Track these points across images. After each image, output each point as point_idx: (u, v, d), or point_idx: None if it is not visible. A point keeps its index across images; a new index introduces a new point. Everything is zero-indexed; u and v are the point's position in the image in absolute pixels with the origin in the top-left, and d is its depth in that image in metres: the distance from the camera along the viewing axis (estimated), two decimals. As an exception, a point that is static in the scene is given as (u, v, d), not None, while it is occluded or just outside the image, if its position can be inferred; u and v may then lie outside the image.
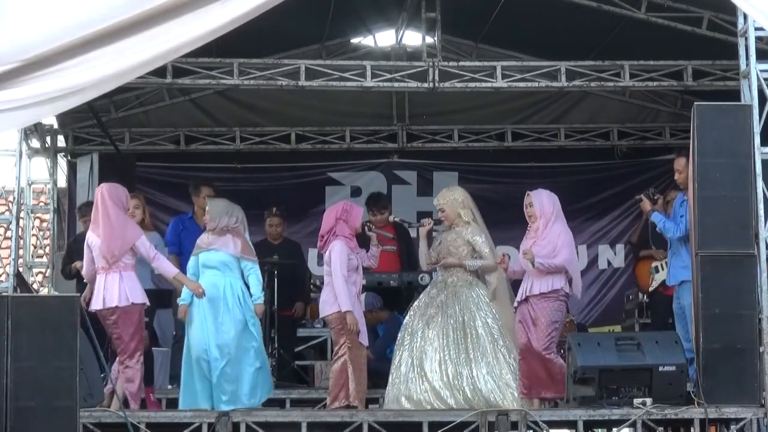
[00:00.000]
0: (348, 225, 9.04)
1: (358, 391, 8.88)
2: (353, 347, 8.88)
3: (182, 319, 9.12)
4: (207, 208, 9.15)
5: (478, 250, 9.15)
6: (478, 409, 8.48)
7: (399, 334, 9.29)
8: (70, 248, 10.44)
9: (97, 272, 8.84)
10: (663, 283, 10.28)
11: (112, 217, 8.82)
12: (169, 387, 10.19)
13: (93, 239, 8.89)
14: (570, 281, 9.01)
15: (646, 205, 9.54)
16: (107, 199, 8.87)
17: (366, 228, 9.34)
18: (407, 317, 9.35)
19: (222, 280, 8.95)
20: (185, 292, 9.02)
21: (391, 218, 10.43)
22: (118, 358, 8.84)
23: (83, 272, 9.13)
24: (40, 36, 7.36)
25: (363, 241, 9.35)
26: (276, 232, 10.99)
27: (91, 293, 8.94)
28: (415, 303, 9.41)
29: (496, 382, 8.87)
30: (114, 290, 8.74)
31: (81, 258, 9.56)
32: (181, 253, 10.08)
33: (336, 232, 9.00)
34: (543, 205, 9.10)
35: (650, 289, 10.83)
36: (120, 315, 8.72)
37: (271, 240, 10.97)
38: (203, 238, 9.16)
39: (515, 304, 9.10)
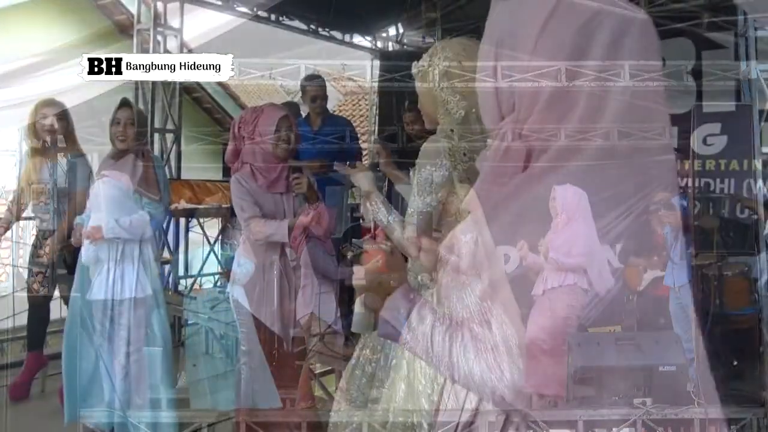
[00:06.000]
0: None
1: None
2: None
3: None
4: None
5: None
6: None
7: None
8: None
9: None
10: (654, 282, 10.24)
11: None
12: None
13: None
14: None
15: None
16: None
17: None
18: None
19: None
20: None
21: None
22: (127, 352, 8.79)
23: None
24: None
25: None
26: None
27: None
28: None
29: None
30: (145, 280, 8.76)
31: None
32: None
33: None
34: (566, 200, 9.03)
35: (640, 288, 10.79)
36: (148, 304, 8.75)
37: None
38: None
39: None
